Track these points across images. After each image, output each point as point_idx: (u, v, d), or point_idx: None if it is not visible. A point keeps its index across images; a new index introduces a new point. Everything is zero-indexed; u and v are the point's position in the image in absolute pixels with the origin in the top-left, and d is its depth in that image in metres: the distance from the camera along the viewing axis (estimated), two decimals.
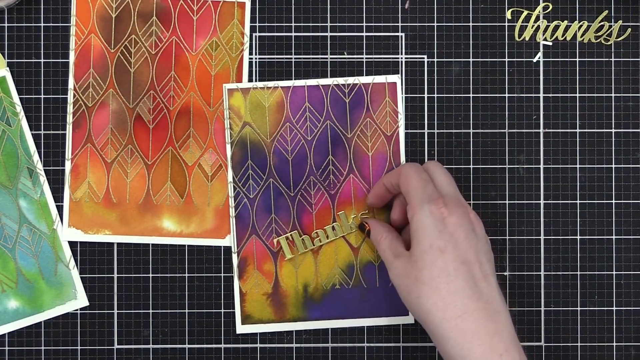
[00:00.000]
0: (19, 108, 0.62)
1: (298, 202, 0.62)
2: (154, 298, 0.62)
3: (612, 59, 0.63)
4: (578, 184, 0.63)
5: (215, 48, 0.62)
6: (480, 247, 0.53)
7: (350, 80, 0.62)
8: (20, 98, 0.62)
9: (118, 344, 0.62)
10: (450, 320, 0.51)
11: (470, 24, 0.63)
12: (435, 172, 0.56)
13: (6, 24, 0.62)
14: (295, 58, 0.62)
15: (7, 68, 0.62)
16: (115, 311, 0.62)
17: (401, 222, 0.60)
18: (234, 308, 0.62)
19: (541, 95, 0.63)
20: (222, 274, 0.62)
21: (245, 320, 0.62)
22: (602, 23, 0.63)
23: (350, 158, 0.62)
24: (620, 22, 0.63)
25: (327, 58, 0.62)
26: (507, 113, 0.63)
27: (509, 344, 0.51)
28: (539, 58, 0.63)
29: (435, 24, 0.63)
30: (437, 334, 0.52)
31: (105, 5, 0.62)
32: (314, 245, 0.62)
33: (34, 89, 0.62)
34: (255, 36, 0.62)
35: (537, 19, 0.63)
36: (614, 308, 0.63)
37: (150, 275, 0.62)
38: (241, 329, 0.62)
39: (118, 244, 0.62)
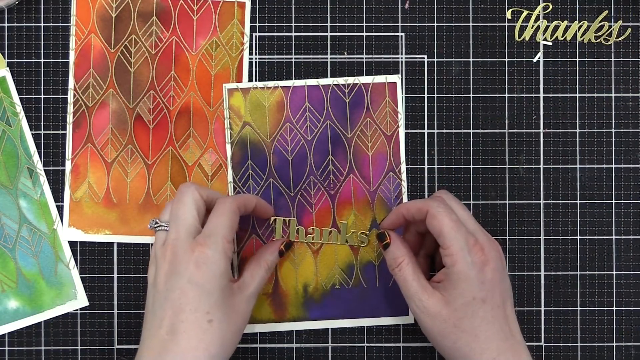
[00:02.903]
0: (19, 108, 0.62)
1: (298, 202, 0.62)
2: None
3: (612, 59, 0.63)
4: (578, 184, 0.63)
5: (215, 48, 0.62)
6: (507, 285, 0.55)
7: (350, 80, 0.62)
8: (20, 98, 0.62)
9: (118, 344, 0.62)
10: None
11: (470, 24, 0.63)
12: (454, 207, 0.56)
13: (6, 24, 0.62)
14: (295, 58, 0.62)
15: (7, 68, 0.62)
16: (115, 311, 0.62)
17: (415, 246, 0.60)
18: None
19: (541, 95, 0.63)
20: None
21: None
22: (602, 23, 0.63)
23: (350, 158, 0.62)
24: (620, 22, 0.63)
25: (327, 58, 0.62)
26: (507, 113, 0.63)
27: None
28: (539, 58, 0.63)
29: (435, 24, 0.63)
30: None
31: (105, 5, 0.62)
32: (305, 240, 0.62)
33: (34, 89, 0.62)
34: (255, 36, 0.62)
35: (537, 19, 0.63)
36: (614, 308, 0.63)
37: None
38: None
39: (118, 244, 0.62)
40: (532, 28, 0.63)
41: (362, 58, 0.63)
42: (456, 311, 0.53)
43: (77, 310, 0.62)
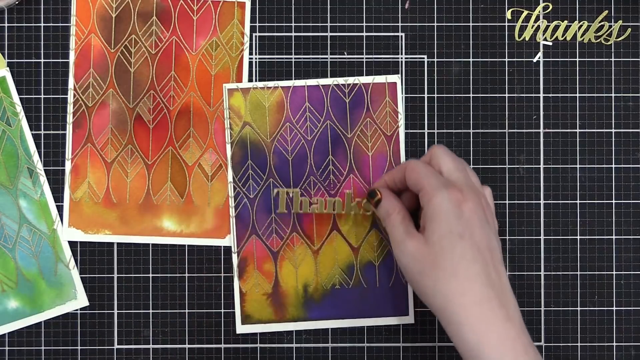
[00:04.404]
0: (19, 108, 0.62)
1: None
2: (154, 298, 0.62)
3: (612, 59, 0.63)
4: (578, 184, 0.63)
5: (215, 48, 0.62)
6: (492, 235, 0.54)
7: (350, 80, 0.62)
8: (20, 98, 0.62)
9: (118, 344, 0.62)
10: (468, 306, 0.51)
11: (470, 24, 0.63)
12: (442, 160, 0.56)
13: (6, 24, 0.62)
14: (295, 58, 0.62)
15: (7, 68, 0.62)
16: (115, 311, 0.62)
17: (411, 208, 0.59)
18: (234, 308, 0.62)
19: (541, 95, 0.63)
20: (222, 274, 0.62)
21: (245, 320, 0.62)
22: (602, 23, 0.63)
23: (350, 158, 0.62)
24: (620, 22, 0.63)
25: (327, 58, 0.62)
26: (507, 113, 0.63)
27: (520, 329, 0.52)
28: (539, 58, 0.63)
29: (435, 24, 0.63)
30: (453, 319, 0.52)
31: (105, 5, 0.62)
32: (309, 210, 0.61)
33: (34, 89, 0.62)
34: (255, 36, 0.62)
35: (537, 19, 0.63)
36: (614, 308, 0.63)
37: (150, 275, 0.62)
38: (241, 329, 0.62)
39: (118, 244, 0.62)
40: (532, 28, 0.63)
41: (362, 58, 0.63)
42: (434, 246, 0.52)
43: (77, 310, 0.62)
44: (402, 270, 0.55)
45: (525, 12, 0.63)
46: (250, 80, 0.62)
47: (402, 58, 0.63)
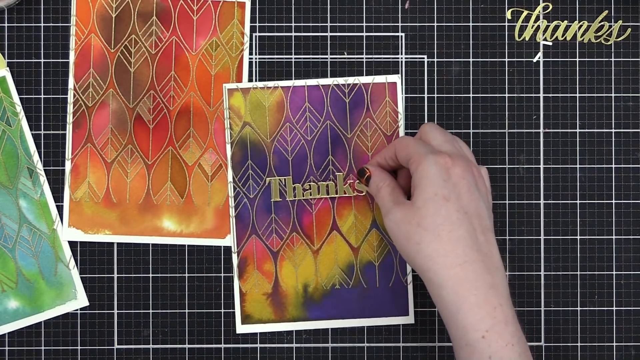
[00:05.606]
0: (19, 108, 0.62)
1: (298, 202, 0.62)
2: (154, 298, 0.62)
3: (612, 59, 0.63)
4: (578, 184, 0.63)
5: (215, 48, 0.62)
6: (482, 202, 0.54)
7: (350, 80, 0.62)
8: (20, 98, 0.62)
9: (118, 344, 0.62)
10: (450, 267, 0.51)
11: (470, 24, 0.63)
12: (431, 134, 0.56)
13: (6, 24, 0.62)
14: (295, 58, 0.62)
15: (7, 68, 0.62)
16: (115, 311, 0.62)
17: (405, 187, 0.59)
18: (234, 308, 0.62)
19: (541, 95, 0.63)
20: (222, 274, 0.62)
21: (245, 320, 0.62)
22: (602, 23, 0.63)
23: (350, 158, 0.62)
24: (620, 22, 0.63)
25: (327, 58, 0.62)
26: (507, 113, 0.63)
27: (503, 299, 0.52)
28: (539, 58, 0.63)
29: (435, 24, 0.63)
30: (434, 280, 0.52)
31: (105, 5, 0.62)
32: (303, 196, 0.61)
33: (34, 89, 0.62)
34: (255, 36, 0.62)
35: (537, 19, 0.63)
36: (614, 308, 0.63)
37: (150, 275, 0.62)
38: (241, 329, 0.62)
39: (118, 244, 0.62)
40: (532, 28, 0.63)
41: (362, 58, 0.63)
42: (419, 209, 0.52)
43: (77, 310, 0.62)
44: (390, 237, 0.55)
45: (525, 12, 0.63)
46: (250, 80, 0.62)
47: (402, 58, 0.63)
